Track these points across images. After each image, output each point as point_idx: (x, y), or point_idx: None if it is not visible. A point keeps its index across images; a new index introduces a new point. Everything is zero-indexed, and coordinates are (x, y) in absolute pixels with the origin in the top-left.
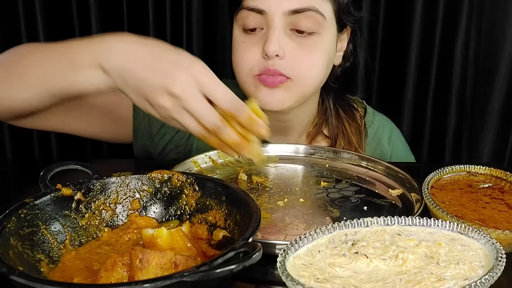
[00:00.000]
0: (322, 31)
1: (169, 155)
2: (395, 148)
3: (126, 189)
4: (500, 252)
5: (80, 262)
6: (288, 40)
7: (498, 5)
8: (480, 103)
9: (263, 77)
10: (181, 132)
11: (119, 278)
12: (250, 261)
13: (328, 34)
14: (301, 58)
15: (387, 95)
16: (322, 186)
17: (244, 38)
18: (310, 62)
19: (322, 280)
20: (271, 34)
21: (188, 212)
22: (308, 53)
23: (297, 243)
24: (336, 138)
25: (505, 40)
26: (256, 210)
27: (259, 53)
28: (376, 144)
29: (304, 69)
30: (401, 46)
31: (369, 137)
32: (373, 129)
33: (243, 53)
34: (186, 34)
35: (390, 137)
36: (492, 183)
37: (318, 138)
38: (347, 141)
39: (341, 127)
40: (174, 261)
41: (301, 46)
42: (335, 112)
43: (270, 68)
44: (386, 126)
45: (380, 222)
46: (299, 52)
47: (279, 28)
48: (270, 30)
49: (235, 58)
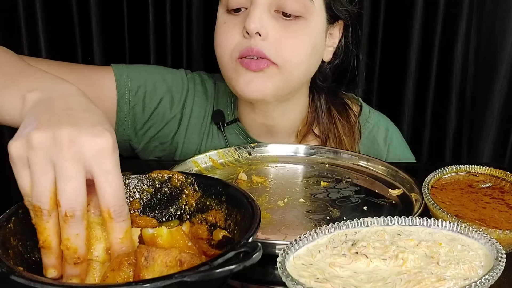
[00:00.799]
0: (309, 17)
1: (153, 152)
2: (392, 148)
3: (126, 189)
4: (500, 252)
5: None
6: (271, 20)
7: (499, 5)
8: (480, 103)
9: (246, 60)
10: (167, 128)
11: (126, 278)
12: (250, 261)
13: (315, 21)
14: (285, 41)
15: (387, 95)
16: (322, 186)
17: (226, 18)
18: (294, 45)
19: (322, 280)
20: (252, 10)
21: (188, 212)
22: (292, 37)
23: (297, 243)
24: (326, 138)
25: (505, 40)
26: (256, 210)
27: (240, 33)
28: (371, 143)
29: (288, 53)
30: (401, 46)
31: (364, 136)
32: (368, 128)
33: (224, 35)
34: (186, 34)
35: (386, 137)
36: (492, 183)
37: (309, 138)
38: (338, 142)
39: (332, 127)
40: (180, 258)
41: (286, 29)
42: (327, 111)
43: (252, 48)
44: (382, 124)
45: (380, 222)
46: (283, 34)
47: (262, 6)
48: (252, 6)
49: (216, 40)
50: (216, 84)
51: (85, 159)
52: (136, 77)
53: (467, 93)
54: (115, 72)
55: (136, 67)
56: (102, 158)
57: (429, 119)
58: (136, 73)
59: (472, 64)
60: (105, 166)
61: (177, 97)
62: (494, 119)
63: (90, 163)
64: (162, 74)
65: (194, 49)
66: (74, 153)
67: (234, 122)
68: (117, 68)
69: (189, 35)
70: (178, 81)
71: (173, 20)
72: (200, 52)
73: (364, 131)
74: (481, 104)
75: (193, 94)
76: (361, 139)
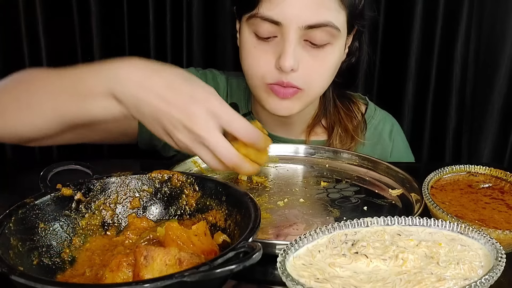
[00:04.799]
0: (334, 42)
1: (173, 148)
2: (396, 144)
3: (126, 189)
4: (500, 252)
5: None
6: (302, 52)
7: (499, 5)
8: (480, 104)
9: (275, 87)
10: None
11: (125, 279)
12: (250, 261)
13: (339, 43)
14: (313, 70)
15: (387, 95)
16: (322, 186)
17: (256, 43)
18: (321, 73)
19: (322, 280)
20: (287, 48)
21: (188, 212)
22: (320, 65)
23: (297, 243)
24: (333, 126)
25: (505, 41)
26: (256, 210)
27: (272, 62)
28: (377, 138)
29: (315, 80)
30: (401, 46)
31: (370, 132)
32: (373, 124)
33: (254, 59)
34: (186, 34)
35: (391, 131)
36: (492, 183)
37: (318, 130)
38: (344, 129)
39: (337, 115)
40: (179, 257)
41: (314, 58)
42: (333, 102)
43: (283, 81)
44: (387, 121)
45: (380, 222)
46: (312, 64)
47: (295, 41)
48: (286, 43)
49: (246, 61)
50: (228, 80)
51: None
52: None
53: (467, 93)
54: None
55: None
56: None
57: (429, 119)
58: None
59: (472, 64)
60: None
61: None
62: (494, 119)
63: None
64: None
65: (194, 49)
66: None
67: (248, 115)
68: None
69: (189, 35)
70: None
71: (173, 20)
72: (200, 52)
73: (369, 126)
74: (481, 104)
75: None
76: (367, 135)
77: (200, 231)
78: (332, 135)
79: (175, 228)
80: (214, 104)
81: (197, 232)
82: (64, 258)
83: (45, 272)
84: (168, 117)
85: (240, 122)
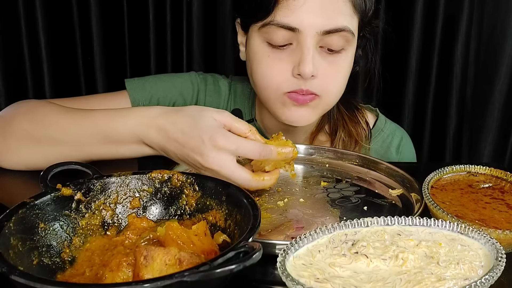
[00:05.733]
0: (348, 47)
1: None
2: (402, 157)
3: (126, 189)
4: (500, 252)
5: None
6: (319, 59)
7: (499, 5)
8: (480, 103)
9: (293, 94)
10: None
11: (124, 279)
12: (250, 261)
13: (352, 48)
14: (330, 76)
15: (387, 96)
16: (322, 186)
17: (270, 52)
18: (337, 79)
19: (322, 280)
20: (306, 54)
21: (188, 212)
22: (336, 71)
23: (297, 243)
24: (336, 130)
25: (505, 40)
26: (256, 210)
27: (289, 70)
28: (384, 152)
29: (332, 86)
30: (401, 46)
31: (378, 145)
32: (382, 137)
33: (269, 68)
34: (186, 34)
35: (399, 145)
36: (493, 183)
37: (322, 138)
38: (347, 134)
39: (341, 120)
40: (179, 257)
41: (330, 64)
42: (336, 106)
43: (303, 89)
44: (397, 134)
45: (380, 222)
46: (329, 70)
47: (312, 48)
48: (304, 49)
49: (259, 72)
50: (232, 85)
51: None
52: (147, 87)
53: (467, 93)
54: (128, 87)
55: (145, 79)
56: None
57: (429, 119)
58: (146, 84)
59: (472, 64)
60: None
61: (188, 99)
62: (494, 119)
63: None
64: (171, 80)
65: (194, 49)
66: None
67: (251, 121)
68: (129, 82)
69: (189, 35)
70: (187, 84)
71: (173, 20)
72: (200, 52)
73: (378, 139)
74: (481, 104)
75: (204, 94)
76: (375, 147)
77: (200, 231)
78: (335, 140)
79: (175, 228)
80: (218, 140)
81: (197, 232)
82: (64, 258)
83: (45, 272)
84: (190, 160)
85: (245, 147)
